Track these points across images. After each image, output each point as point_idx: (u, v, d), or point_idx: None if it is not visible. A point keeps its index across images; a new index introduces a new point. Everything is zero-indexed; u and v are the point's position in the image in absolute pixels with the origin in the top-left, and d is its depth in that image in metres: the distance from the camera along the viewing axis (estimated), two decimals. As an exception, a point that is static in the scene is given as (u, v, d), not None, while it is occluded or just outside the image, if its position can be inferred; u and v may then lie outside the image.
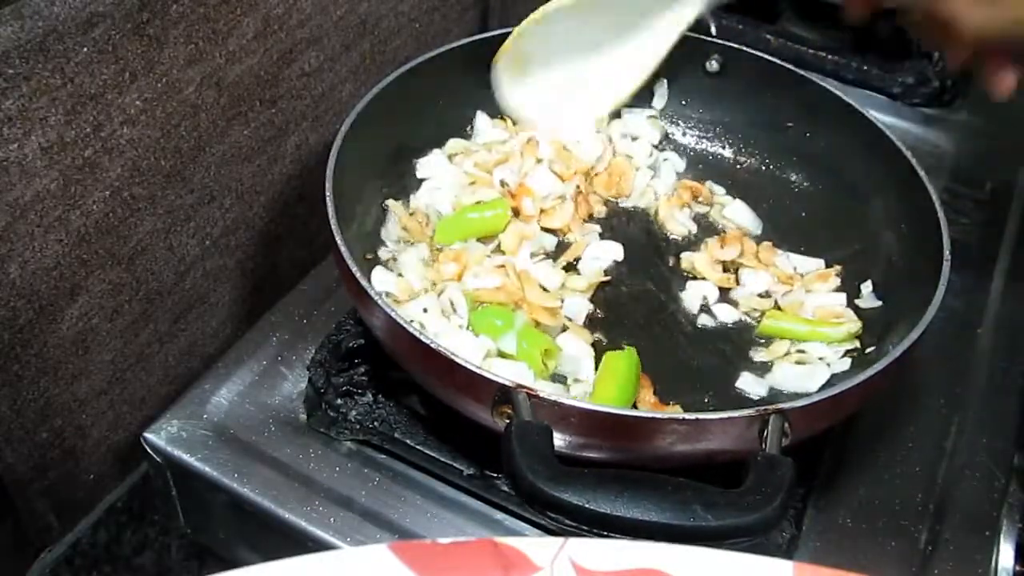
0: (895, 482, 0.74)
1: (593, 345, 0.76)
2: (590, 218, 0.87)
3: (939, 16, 0.72)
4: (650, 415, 0.61)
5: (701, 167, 0.94)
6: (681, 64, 0.92)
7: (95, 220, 0.69)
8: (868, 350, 0.76)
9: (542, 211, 0.84)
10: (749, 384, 0.75)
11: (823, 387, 0.74)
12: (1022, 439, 0.77)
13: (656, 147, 0.94)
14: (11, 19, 0.58)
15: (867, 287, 0.81)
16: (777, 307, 0.81)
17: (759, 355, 0.78)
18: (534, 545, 0.43)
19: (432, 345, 0.62)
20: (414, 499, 0.70)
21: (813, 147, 0.90)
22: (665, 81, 0.94)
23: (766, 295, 0.82)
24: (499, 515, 0.70)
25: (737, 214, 0.89)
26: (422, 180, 0.86)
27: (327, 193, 0.70)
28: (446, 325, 0.74)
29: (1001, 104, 0.75)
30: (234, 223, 0.83)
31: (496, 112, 0.90)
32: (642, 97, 0.93)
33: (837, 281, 0.82)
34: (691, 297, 0.82)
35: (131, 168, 0.71)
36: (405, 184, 0.86)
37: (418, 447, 0.71)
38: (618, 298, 0.81)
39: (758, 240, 0.86)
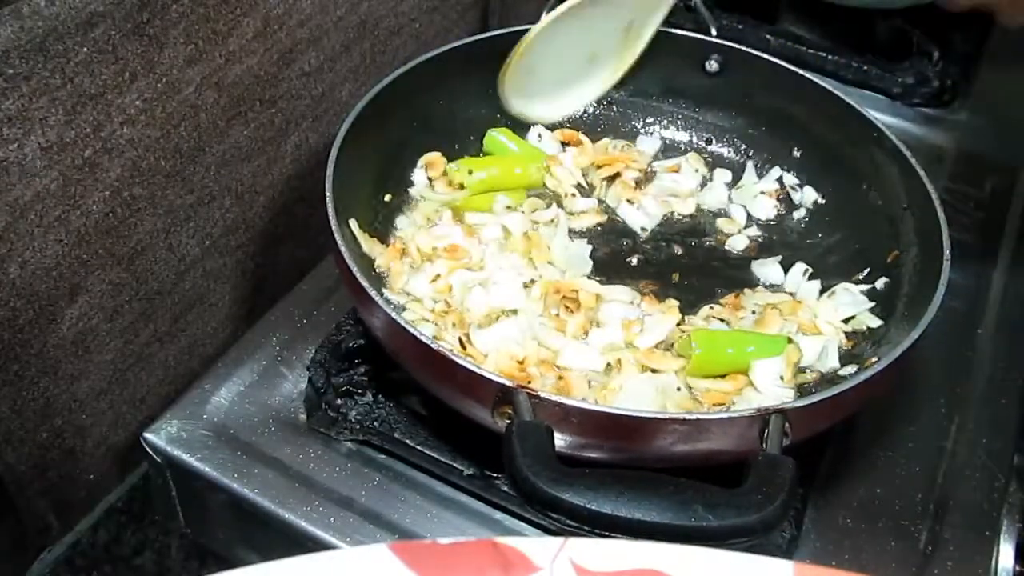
0: (895, 482, 0.74)
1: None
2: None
3: None
4: (651, 415, 0.61)
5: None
6: (680, 64, 0.92)
7: (95, 220, 0.69)
8: (868, 350, 0.76)
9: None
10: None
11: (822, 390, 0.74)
12: (1022, 439, 0.77)
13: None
14: (11, 19, 0.58)
15: (866, 284, 0.81)
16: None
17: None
18: (534, 545, 0.43)
19: (432, 346, 0.62)
20: (414, 499, 0.70)
21: (813, 147, 0.90)
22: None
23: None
24: (499, 515, 0.70)
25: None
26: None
27: (327, 193, 0.70)
28: None
29: (1001, 104, 0.75)
30: (234, 223, 0.83)
31: (494, 111, 0.90)
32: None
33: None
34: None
35: (131, 168, 0.71)
36: (405, 185, 0.86)
37: (418, 447, 0.71)
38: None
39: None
